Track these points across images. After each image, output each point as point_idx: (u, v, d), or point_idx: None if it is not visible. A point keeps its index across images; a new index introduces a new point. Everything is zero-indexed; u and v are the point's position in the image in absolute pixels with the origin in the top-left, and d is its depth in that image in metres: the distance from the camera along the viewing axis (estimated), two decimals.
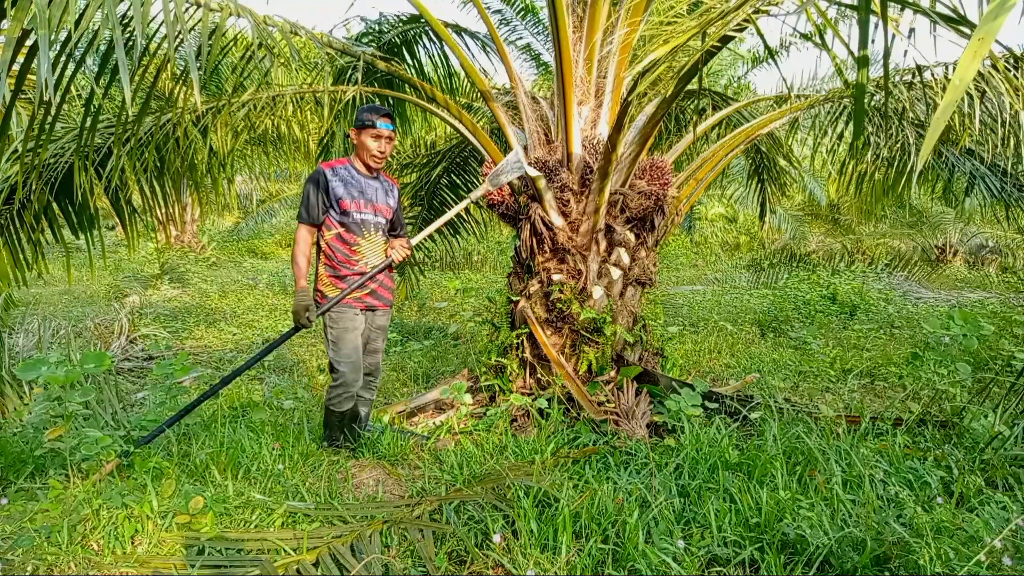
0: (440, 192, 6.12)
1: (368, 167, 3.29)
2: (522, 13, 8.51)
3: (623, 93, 3.93)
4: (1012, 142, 3.70)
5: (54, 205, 3.79)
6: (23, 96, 4.06)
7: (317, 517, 2.34)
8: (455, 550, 2.20)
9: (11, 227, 3.71)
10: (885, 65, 1.40)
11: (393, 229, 3.48)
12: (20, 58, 2.14)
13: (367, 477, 2.95)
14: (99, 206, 3.98)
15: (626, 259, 3.87)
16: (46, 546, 2.07)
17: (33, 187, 3.41)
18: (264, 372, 5.93)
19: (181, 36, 2.36)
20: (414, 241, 3.49)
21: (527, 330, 3.83)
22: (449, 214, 3.67)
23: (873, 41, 1.34)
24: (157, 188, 4.17)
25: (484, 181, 3.62)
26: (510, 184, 3.97)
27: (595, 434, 3.33)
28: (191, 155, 4.13)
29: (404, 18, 5.04)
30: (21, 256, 3.77)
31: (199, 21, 2.66)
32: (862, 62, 1.26)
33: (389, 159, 3.39)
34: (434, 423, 3.95)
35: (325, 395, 3.31)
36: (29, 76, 3.04)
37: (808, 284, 8.81)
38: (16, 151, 3.28)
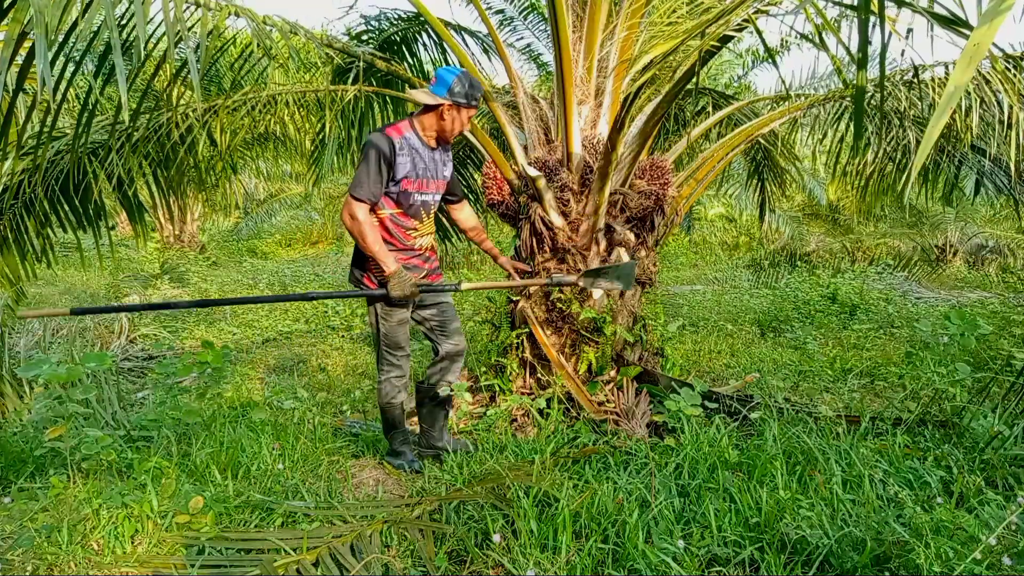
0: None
1: (443, 140, 2.93)
2: (524, 12, 8.50)
3: (623, 93, 3.93)
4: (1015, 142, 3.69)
5: (61, 199, 3.79)
6: (25, 92, 4.06)
7: (317, 517, 2.34)
8: (455, 550, 2.20)
9: (20, 221, 3.72)
10: (881, 64, 1.40)
11: (452, 195, 3.19)
12: (23, 53, 2.14)
13: (367, 477, 2.95)
14: (104, 202, 3.99)
15: (626, 259, 3.87)
16: (46, 546, 2.07)
17: (39, 182, 3.41)
18: (264, 372, 5.93)
19: (180, 35, 2.36)
20: (517, 284, 3.41)
21: (527, 330, 3.83)
22: (529, 282, 3.51)
23: (870, 42, 1.34)
24: (161, 183, 4.17)
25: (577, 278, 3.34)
26: (509, 183, 3.97)
27: (595, 434, 3.33)
28: (191, 154, 4.13)
29: (404, 16, 5.04)
30: (31, 250, 3.78)
31: (198, 21, 2.66)
32: (861, 63, 1.26)
33: None
34: None
35: (379, 396, 3.09)
36: (29, 77, 3.04)
37: (808, 284, 8.80)
38: (22, 147, 3.28)
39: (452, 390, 3.03)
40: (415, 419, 4.07)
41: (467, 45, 4.92)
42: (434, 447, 3.19)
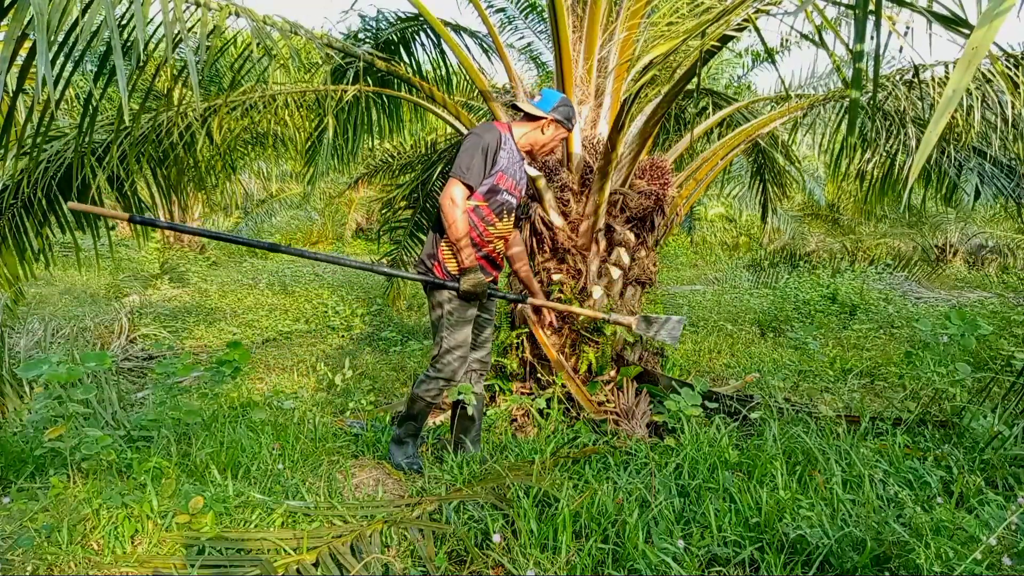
0: (435, 194, 6.09)
1: (529, 153, 3.01)
2: (524, 12, 8.51)
3: (623, 93, 3.93)
4: (1018, 145, 3.69)
5: (59, 199, 3.79)
6: (25, 92, 4.06)
7: (317, 517, 2.34)
8: (455, 550, 2.20)
9: (19, 221, 3.72)
10: (876, 64, 1.40)
11: (515, 220, 3.19)
12: (23, 53, 2.14)
13: (367, 477, 2.95)
14: (103, 202, 3.99)
15: (626, 259, 3.87)
16: (46, 546, 2.07)
17: (39, 180, 3.41)
18: (264, 372, 5.93)
19: (180, 35, 2.36)
20: (580, 311, 3.37)
21: (527, 330, 3.83)
22: (590, 313, 3.43)
23: (872, 38, 1.34)
24: (161, 182, 4.17)
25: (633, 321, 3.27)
26: None
27: (595, 434, 3.33)
28: (191, 154, 4.13)
29: (403, 16, 5.04)
30: (29, 249, 3.78)
31: (198, 21, 2.66)
32: (858, 56, 1.26)
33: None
34: (434, 423, 3.95)
35: (417, 385, 3.01)
36: (29, 76, 3.04)
37: (808, 284, 8.81)
38: (23, 146, 3.28)
39: (459, 393, 2.99)
40: (431, 414, 4.07)
41: (467, 45, 4.92)
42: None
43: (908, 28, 1.88)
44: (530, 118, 2.95)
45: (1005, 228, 13.13)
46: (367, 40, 5.07)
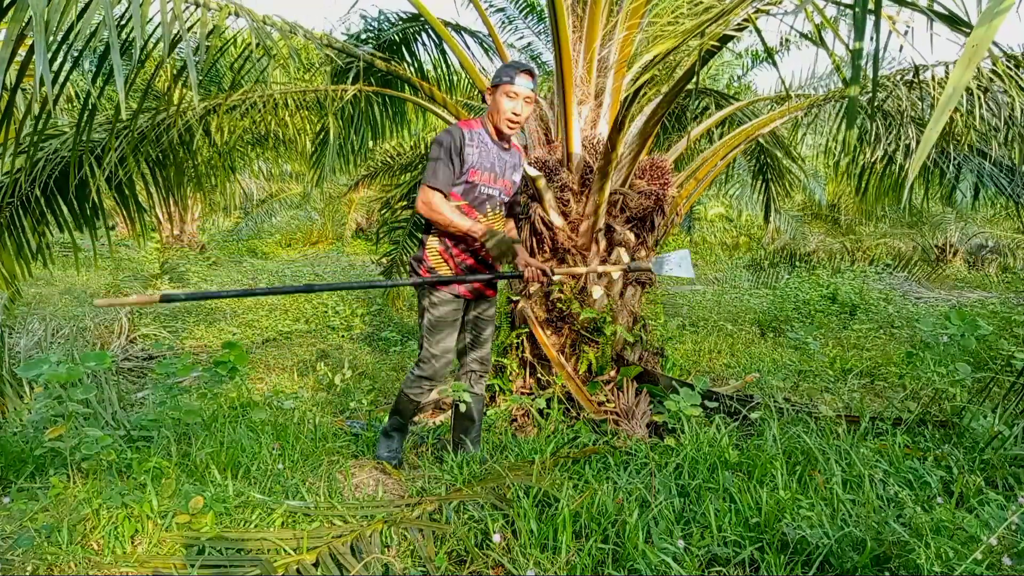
0: None
1: (499, 133, 2.89)
2: (524, 12, 8.51)
3: (623, 92, 3.93)
4: (1018, 146, 3.69)
5: (58, 198, 3.79)
6: (24, 91, 4.06)
7: (317, 517, 2.34)
8: (455, 550, 2.20)
9: (16, 219, 3.72)
10: (875, 63, 1.40)
11: (510, 210, 3.10)
12: (22, 50, 2.14)
13: (367, 477, 2.95)
14: (102, 201, 3.98)
15: (626, 259, 3.87)
16: (46, 546, 2.07)
17: (38, 177, 3.41)
18: (264, 372, 5.93)
19: (179, 35, 2.36)
20: (557, 277, 3.15)
21: (527, 330, 3.83)
22: (601, 268, 3.40)
23: (872, 38, 1.34)
24: (160, 183, 4.17)
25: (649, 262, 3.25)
26: None
27: (595, 434, 3.33)
28: (190, 154, 4.13)
29: (404, 16, 5.05)
30: (27, 248, 3.77)
31: (198, 21, 2.66)
32: (857, 54, 1.26)
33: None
34: (434, 423, 3.95)
35: (405, 382, 3.07)
36: (28, 74, 3.05)
37: (808, 284, 8.81)
38: (20, 143, 3.28)
39: (451, 390, 3.01)
40: (415, 419, 4.08)
41: (467, 45, 4.92)
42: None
43: (908, 28, 1.87)
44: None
45: (1005, 228, 13.13)
46: (370, 41, 5.09)
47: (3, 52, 1.82)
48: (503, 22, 8.70)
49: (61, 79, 2.48)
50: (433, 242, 2.90)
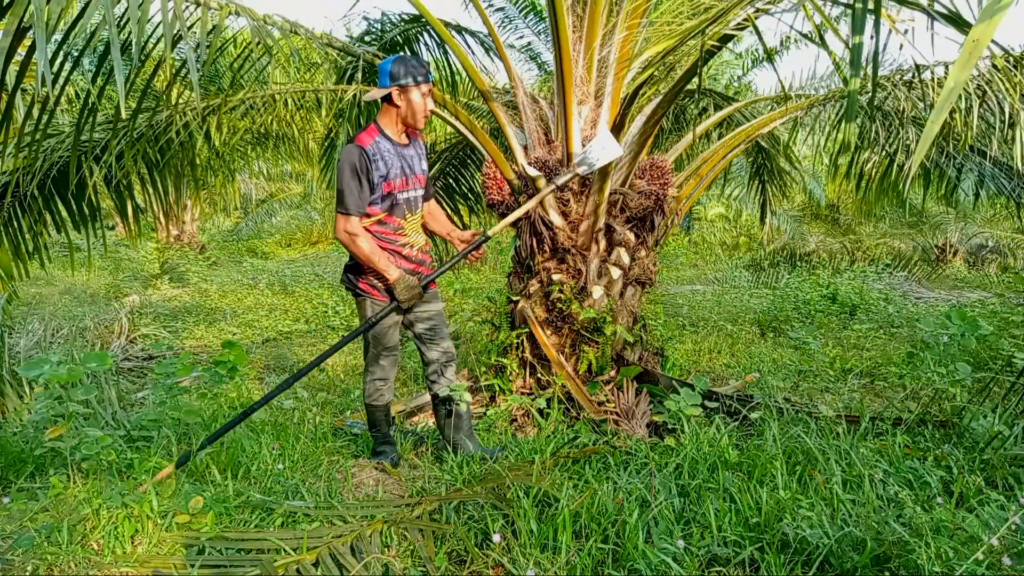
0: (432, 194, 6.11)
1: (409, 130, 2.91)
2: (524, 12, 8.52)
3: (623, 93, 3.93)
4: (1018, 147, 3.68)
5: (56, 198, 3.79)
6: (24, 91, 4.06)
7: (317, 517, 2.34)
8: (455, 550, 2.19)
9: (14, 219, 3.72)
10: (875, 62, 1.40)
11: (427, 194, 3.10)
12: (22, 51, 2.14)
13: (367, 477, 2.95)
14: (100, 202, 3.98)
15: (626, 259, 3.87)
16: (46, 546, 2.07)
17: (36, 175, 3.40)
18: (264, 372, 5.93)
19: (179, 34, 2.36)
20: (493, 232, 3.11)
21: (527, 330, 3.83)
22: (530, 203, 3.34)
23: (872, 37, 1.34)
24: (158, 183, 4.16)
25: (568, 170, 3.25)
26: (510, 183, 3.97)
27: (595, 434, 3.33)
28: (191, 153, 4.13)
29: (405, 18, 5.07)
30: (24, 248, 3.77)
31: (198, 20, 2.66)
32: (857, 50, 1.26)
33: None
34: (433, 423, 3.95)
35: (364, 396, 3.13)
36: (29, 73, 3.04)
37: (808, 284, 8.80)
38: (19, 142, 3.28)
39: (451, 390, 3.02)
40: (415, 419, 4.08)
41: (468, 45, 4.93)
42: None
43: (908, 26, 1.88)
44: (387, 101, 2.84)
45: (1005, 228, 13.13)
46: (373, 42, 5.12)
47: (2, 42, 1.82)
48: (503, 21, 8.70)
49: (61, 80, 2.48)
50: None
